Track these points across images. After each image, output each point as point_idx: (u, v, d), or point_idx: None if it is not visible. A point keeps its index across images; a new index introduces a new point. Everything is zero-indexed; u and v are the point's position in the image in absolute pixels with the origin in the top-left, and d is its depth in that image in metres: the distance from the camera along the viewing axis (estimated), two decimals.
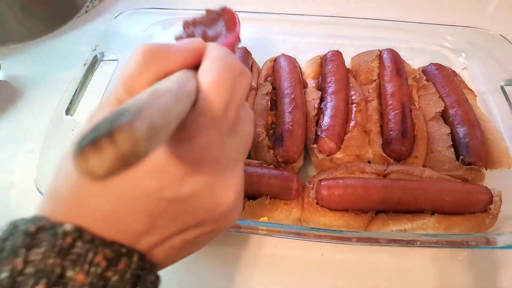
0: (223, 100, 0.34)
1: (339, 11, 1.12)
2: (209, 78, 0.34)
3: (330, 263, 0.69)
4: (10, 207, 0.78)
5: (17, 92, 0.98)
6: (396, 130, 0.75)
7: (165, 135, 0.25)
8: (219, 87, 0.34)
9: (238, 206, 0.40)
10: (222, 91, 0.34)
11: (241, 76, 0.37)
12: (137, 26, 1.03)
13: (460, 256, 0.70)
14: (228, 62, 0.36)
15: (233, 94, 0.35)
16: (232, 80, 0.35)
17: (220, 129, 0.35)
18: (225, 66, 0.36)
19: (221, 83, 0.34)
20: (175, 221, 0.35)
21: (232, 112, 0.36)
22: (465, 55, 1.02)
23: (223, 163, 0.36)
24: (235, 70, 0.36)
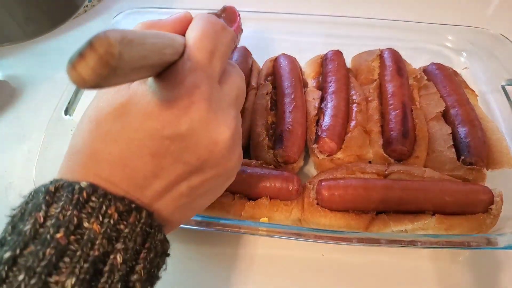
0: (206, 49, 0.39)
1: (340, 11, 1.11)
2: (194, 33, 0.40)
3: (330, 263, 0.69)
4: (9, 207, 0.77)
5: (16, 92, 0.98)
6: (397, 130, 0.74)
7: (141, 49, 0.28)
8: (203, 38, 0.39)
9: (235, 148, 0.43)
10: (205, 41, 0.39)
11: (223, 31, 0.42)
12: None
13: (461, 256, 0.70)
14: (210, 20, 0.42)
15: (216, 45, 0.40)
16: (214, 33, 0.40)
17: (208, 73, 0.38)
18: (207, 23, 0.41)
19: (204, 35, 0.39)
20: (178, 160, 0.37)
21: (218, 60, 0.40)
22: (466, 55, 1.02)
23: (214, 103, 0.38)
24: (217, 26, 0.41)
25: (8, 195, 0.79)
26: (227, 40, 0.42)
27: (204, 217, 0.63)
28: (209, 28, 0.40)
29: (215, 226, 0.62)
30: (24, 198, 0.37)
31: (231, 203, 0.66)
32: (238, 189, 0.67)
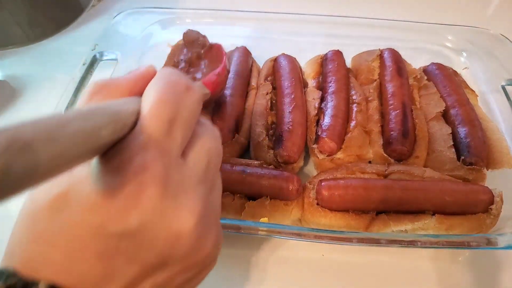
0: (163, 117, 0.32)
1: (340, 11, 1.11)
2: (149, 98, 0.33)
3: (330, 263, 0.69)
4: (9, 207, 0.77)
5: (16, 92, 0.98)
6: (397, 130, 0.74)
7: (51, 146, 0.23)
8: (159, 104, 0.32)
9: (208, 233, 0.35)
10: (162, 108, 0.32)
11: (187, 93, 0.35)
12: (136, 26, 1.02)
13: (461, 256, 0.70)
14: (170, 79, 0.35)
15: (177, 110, 0.33)
16: (174, 96, 0.33)
17: (164, 148, 0.32)
18: (166, 84, 0.34)
19: (161, 100, 0.32)
20: (133, 260, 0.31)
21: (179, 129, 0.33)
22: (466, 55, 1.02)
23: (172, 186, 0.31)
24: (179, 87, 0.34)
25: None
26: (191, 103, 0.35)
27: None
28: (168, 91, 0.33)
29: None
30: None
31: (231, 203, 0.66)
32: (238, 189, 0.67)
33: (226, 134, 0.76)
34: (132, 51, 0.98)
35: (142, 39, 1.02)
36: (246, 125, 0.80)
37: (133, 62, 0.98)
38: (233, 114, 0.79)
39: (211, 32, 1.00)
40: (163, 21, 1.06)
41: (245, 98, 0.85)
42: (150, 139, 0.31)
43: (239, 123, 0.80)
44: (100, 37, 0.94)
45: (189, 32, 0.95)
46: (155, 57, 0.98)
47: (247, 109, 0.83)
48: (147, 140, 0.31)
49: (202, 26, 1.00)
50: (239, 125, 0.80)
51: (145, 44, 1.03)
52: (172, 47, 0.97)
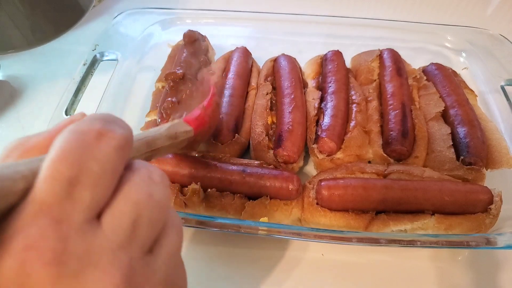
0: (62, 178, 0.26)
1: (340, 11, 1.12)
2: (48, 155, 0.27)
3: (330, 263, 0.69)
4: None
5: (17, 92, 0.98)
6: (396, 130, 0.75)
7: None
8: (57, 162, 0.26)
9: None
10: (60, 166, 0.26)
11: (98, 142, 0.28)
12: (136, 26, 1.03)
13: (461, 256, 0.70)
14: (77, 129, 0.29)
15: (82, 166, 0.27)
16: (78, 149, 0.27)
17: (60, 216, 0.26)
18: (70, 135, 0.28)
19: (60, 157, 0.27)
20: None
21: (86, 189, 0.27)
22: (465, 55, 1.02)
23: (73, 261, 0.25)
24: (86, 136, 0.28)
25: None
26: (105, 153, 0.28)
27: (204, 217, 0.64)
28: (71, 144, 0.27)
29: (215, 226, 0.63)
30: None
31: (231, 203, 0.67)
32: (238, 189, 0.67)
33: (226, 134, 0.76)
34: (133, 51, 0.98)
35: (142, 39, 1.02)
36: (246, 125, 0.80)
37: (133, 62, 0.98)
38: (233, 114, 0.79)
39: (211, 32, 1.01)
40: (163, 22, 1.06)
41: (245, 98, 0.86)
42: (42, 206, 0.26)
43: (239, 123, 0.80)
44: (100, 38, 0.94)
45: (189, 32, 0.95)
46: (155, 57, 0.99)
47: (247, 109, 0.83)
48: (38, 209, 0.25)
49: (202, 26, 1.01)
50: (239, 125, 0.80)
51: (145, 44, 1.03)
52: (172, 47, 0.97)
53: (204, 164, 0.70)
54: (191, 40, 0.93)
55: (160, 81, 0.88)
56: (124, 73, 0.93)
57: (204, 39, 0.97)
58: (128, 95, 0.94)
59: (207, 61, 0.94)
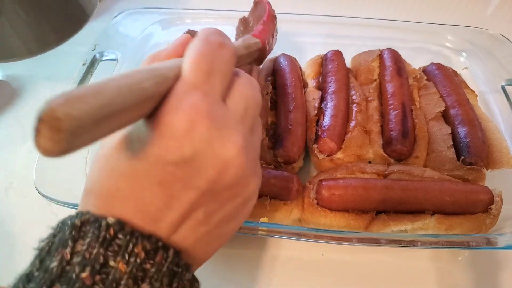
0: (202, 69, 0.37)
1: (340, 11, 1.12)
2: (188, 56, 0.38)
3: (330, 263, 0.69)
4: (9, 207, 0.77)
5: (17, 92, 0.98)
6: (396, 130, 0.74)
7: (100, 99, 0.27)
8: (197, 59, 0.37)
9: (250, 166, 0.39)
10: (200, 62, 0.37)
11: (221, 49, 0.39)
12: (136, 26, 1.03)
13: (461, 256, 0.70)
14: (206, 39, 0.39)
15: (213, 63, 0.38)
16: (210, 52, 0.38)
17: (206, 91, 0.36)
18: (202, 43, 0.39)
19: (199, 56, 0.37)
20: (188, 186, 0.36)
21: (216, 78, 0.38)
22: (466, 55, 1.02)
23: (217, 121, 0.36)
24: (213, 45, 0.39)
25: (8, 195, 0.79)
26: (226, 57, 0.40)
27: None
28: (204, 48, 0.38)
29: None
30: (52, 229, 0.36)
31: None
32: None
33: None
34: (132, 51, 0.98)
35: (142, 39, 1.02)
36: None
37: (133, 62, 0.98)
38: None
39: None
40: (163, 21, 1.06)
41: None
42: (192, 85, 0.36)
43: None
44: (100, 37, 0.94)
45: (190, 32, 0.95)
46: None
47: None
48: (190, 86, 0.36)
49: (202, 26, 1.00)
50: None
51: (145, 44, 1.03)
52: None
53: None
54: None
55: None
56: None
57: None
58: None
59: None
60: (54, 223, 0.37)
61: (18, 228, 0.74)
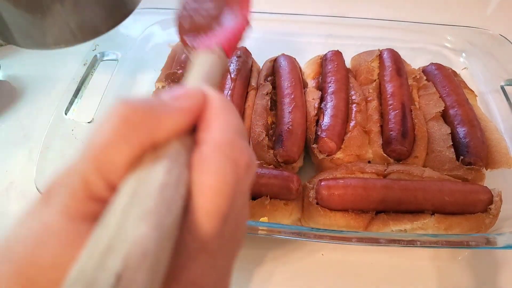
0: (221, 215, 0.26)
1: (339, 11, 1.12)
2: (208, 181, 0.26)
3: (330, 263, 0.69)
4: (9, 206, 0.78)
5: (17, 92, 0.98)
6: (396, 130, 0.75)
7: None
8: (219, 197, 0.26)
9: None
10: (221, 203, 0.26)
11: (247, 173, 0.29)
12: (136, 26, 1.03)
13: (460, 256, 0.70)
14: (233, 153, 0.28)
15: (234, 201, 0.27)
16: (235, 182, 0.27)
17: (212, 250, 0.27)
18: (228, 164, 0.27)
19: (222, 191, 0.26)
20: None
21: (230, 226, 0.28)
22: (465, 55, 1.02)
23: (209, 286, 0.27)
24: (241, 166, 0.28)
25: (9, 195, 0.79)
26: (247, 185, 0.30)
27: None
28: (229, 176, 0.27)
29: None
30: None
31: None
32: None
33: None
34: (133, 52, 0.98)
35: (142, 39, 1.02)
36: (246, 125, 0.80)
37: (134, 63, 0.98)
38: None
39: None
40: (164, 22, 1.06)
41: (245, 98, 0.85)
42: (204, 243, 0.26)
43: None
44: (100, 38, 0.94)
45: None
46: (155, 57, 0.99)
47: (247, 109, 0.83)
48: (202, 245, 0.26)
49: None
50: None
51: (145, 44, 1.03)
52: (172, 48, 0.97)
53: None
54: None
55: (160, 81, 0.88)
56: (124, 73, 0.93)
57: None
58: (128, 95, 0.94)
59: None
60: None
61: None
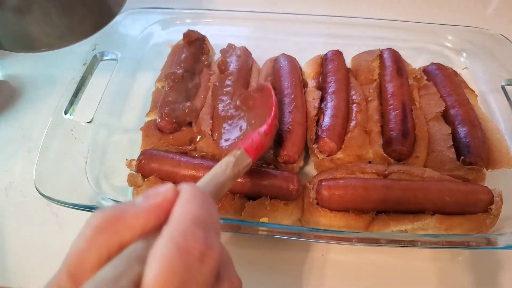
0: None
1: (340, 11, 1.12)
2: (153, 273, 0.27)
3: (330, 263, 0.69)
4: (9, 207, 0.77)
5: (17, 92, 0.98)
6: (396, 130, 0.74)
7: None
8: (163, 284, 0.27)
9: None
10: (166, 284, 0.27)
11: (202, 262, 0.29)
12: (136, 26, 1.03)
13: (461, 256, 0.70)
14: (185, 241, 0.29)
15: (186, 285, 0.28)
16: (183, 272, 0.28)
17: None
18: (177, 252, 0.28)
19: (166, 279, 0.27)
20: None
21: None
22: (466, 55, 1.02)
23: None
24: (192, 255, 0.28)
25: (8, 195, 0.79)
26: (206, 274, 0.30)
27: None
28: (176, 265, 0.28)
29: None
30: None
31: (231, 203, 0.66)
32: (238, 189, 0.67)
33: None
34: (132, 51, 0.98)
35: (142, 39, 1.02)
36: None
37: (134, 62, 0.98)
38: None
39: (211, 32, 1.01)
40: (163, 21, 1.06)
41: None
42: None
43: None
44: (100, 37, 0.94)
45: (189, 32, 0.95)
46: (155, 57, 0.99)
47: None
48: None
49: (202, 26, 1.01)
50: None
51: (145, 44, 1.03)
52: (172, 47, 0.97)
53: (204, 164, 0.69)
54: (191, 40, 0.93)
55: (160, 81, 0.88)
56: (124, 73, 0.93)
57: (204, 39, 0.97)
58: (128, 95, 0.93)
59: (207, 61, 0.94)
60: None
61: (18, 228, 0.74)
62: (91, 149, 0.77)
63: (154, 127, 0.79)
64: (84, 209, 0.64)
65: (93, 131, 0.80)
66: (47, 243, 0.72)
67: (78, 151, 0.76)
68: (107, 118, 0.84)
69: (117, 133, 0.85)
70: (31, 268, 0.69)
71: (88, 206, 0.65)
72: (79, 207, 0.64)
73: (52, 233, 0.73)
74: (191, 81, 0.86)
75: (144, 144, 0.78)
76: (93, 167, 0.75)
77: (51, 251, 0.70)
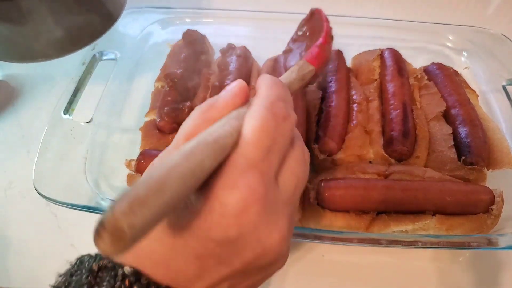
0: (263, 145, 0.36)
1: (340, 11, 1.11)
2: (251, 124, 0.36)
3: (330, 264, 0.69)
4: (8, 207, 0.77)
5: (15, 91, 0.97)
6: (397, 130, 0.74)
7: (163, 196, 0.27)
8: (260, 133, 0.36)
9: (284, 251, 0.39)
10: (262, 136, 0.36)
11: (284, 122, 0.39)
12: (136, 25, 1.02)
13: (462, 257, 0.70)
14: (271, 109, 0.38)
15: (275, 139, 0.37)
16: (274, 126, 0.37)
17: (263, 171, 0.35)
18: (268, 113, 0.38)
19: (262, 129, 0.36)
20: (223, 264, 0.35)
21: (275, 155, 0.37)
22: (466, 55, 1.02)
23: (268, 205, 0.35)
24: (278, 117, 0.38)
25: (8, 195, 0.79)
26: (287, 132, 0.39)
27: None
28: (269, 120, 0.37)
29: None
30: (70, 265, 0.36)
31: None
32: None
33: None
34: (132, 51, 0.98)
35: (141, 38, 1.02)
36: None
37: (133, 62, 0.97)
38: None
39: (211, 32, 1.00)
40: (163, 21, 1.05)
41: None
42: (252, 163, 0.35)
43: None
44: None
45: (189, 32, 0.95)
46: (154, 57, 0.98)
47: None
48: (249, 164, 0.35)
49: (202, 26, 1.00)
50: None
51: (144, 43, 1.02)
52: (171, 47, 0.97)
53: None
54: (190, 40, 0.93)
55: (159, 81, 0.88)
56: (123, 73, 0.93)
57: (203, 38, 0.97)
58: (127, 94, 0.93)
59: (207, 61, 0.94)
60: (72, 256, 0.36)
61: (17, 228, 0.74)
62: (90, 149, 0.77)
63: (153, 127, 0.79)
64: (83, 209, 0.64)
65: (92, 131, 0.79)
66: (46, 243, 0.71)
67: (77, 151, 0.76)
68: (106, 118, 0.84)
69: (117, 133, 0.85)
70: (30, 268, 0.68)
71: (87, 207, 0.64)
72: (78, 207, 0.64)
73: (51, 233, 0.72)
74: (190, 81, 0.85)
75: (143, 144, 0.77)
76: (92, 167, 0.75)
77: (50, 251, 0.70)
